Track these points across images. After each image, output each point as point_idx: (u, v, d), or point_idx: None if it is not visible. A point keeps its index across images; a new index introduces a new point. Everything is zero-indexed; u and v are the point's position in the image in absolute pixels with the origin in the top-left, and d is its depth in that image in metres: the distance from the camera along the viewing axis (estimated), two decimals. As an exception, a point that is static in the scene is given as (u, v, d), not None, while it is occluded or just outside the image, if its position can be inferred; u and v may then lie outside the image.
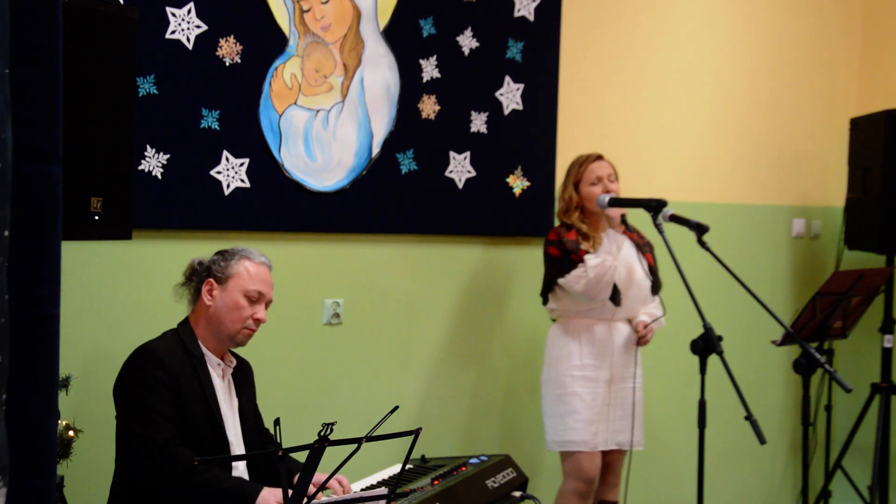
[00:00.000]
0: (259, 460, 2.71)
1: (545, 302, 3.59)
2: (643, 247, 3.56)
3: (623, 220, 3.43)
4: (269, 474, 2.72)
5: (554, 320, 3.62)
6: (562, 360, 3.50)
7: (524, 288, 3.93)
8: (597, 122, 4.16)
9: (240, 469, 2.67)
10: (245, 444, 2.69)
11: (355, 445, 2.08)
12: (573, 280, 3.40)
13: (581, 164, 3.54)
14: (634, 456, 3.76)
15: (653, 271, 3.56)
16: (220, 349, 2.67)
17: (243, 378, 2.80)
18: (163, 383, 2.50)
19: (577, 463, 3.46)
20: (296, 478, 2.46)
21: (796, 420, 4.55)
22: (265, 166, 3.30)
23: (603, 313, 3.49)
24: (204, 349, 2.64)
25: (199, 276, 2.69)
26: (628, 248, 3.48)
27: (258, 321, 2.66)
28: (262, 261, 2.71)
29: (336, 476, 2.57)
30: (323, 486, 2.38)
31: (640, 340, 3.52)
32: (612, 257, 3.41)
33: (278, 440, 2.06)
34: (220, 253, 2.71)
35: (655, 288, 3.57)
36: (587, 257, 3.39)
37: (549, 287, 3.53)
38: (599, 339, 3.49)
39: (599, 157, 3.55)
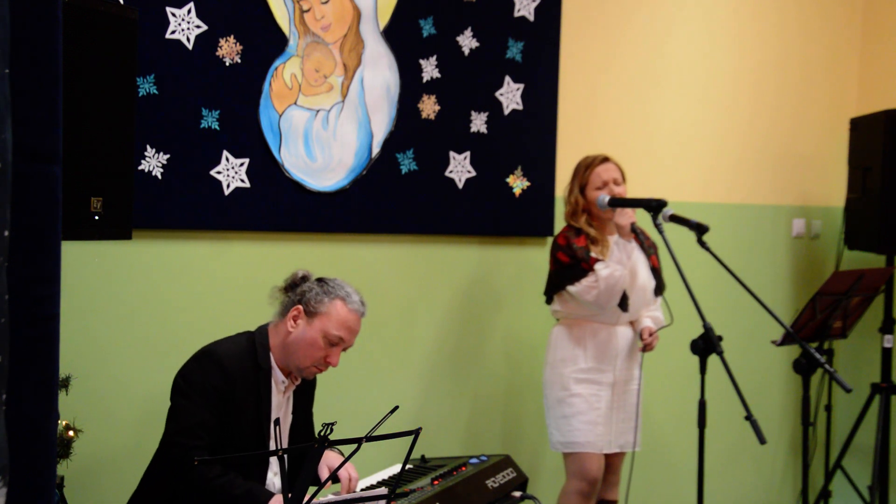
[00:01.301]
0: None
1: (549, 301, 3.58)
2: (648, 248, 3.54)
3: (633, 228, 3.39)
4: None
5: (558, 319, 3.61)
6: (566, 363, 3.49)
7: (524, 288, 3.93)
8: (597, 122, 4.16)
9: (276, 473, 2.65)
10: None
11: (355, 445, 2.08)
12: (584, 290, 3.38)
13: (587, 168, 3.51)
14: (635, 456, 3.76)
15: (656, 273, 3.55)
16: (288, 368, 2.66)
17: (307, 392, 2.80)
18: (217, 391, 2.50)
19: (581, 464, 3.46)
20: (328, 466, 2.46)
21: (796, 420, 4.55)
22: (265, 166, 3.30)
23: (608, 317, 3.48)
24: (273, 363, 2.63)
25: (294, 295, 2.65)
26: (637, 255, 3.46)
27: (329, 364, 2.62)
28: (356, 308, 2.64)
29: (347, 467, 2.59)
30: (333, 475, 2.40)
31: (646, 347, 3.51)
32: (621, 266, 3.39)
33: (278, 440, 2.06)
34: (321, 282, 2.67)
35: (659, 289, 3.57)
36: (598, 267, 3.36)
37: (555, 290, 3.52)
38: (603, 342, 3.49)
39: (606, 160, 3.51)
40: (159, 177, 3.09)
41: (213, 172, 3.20)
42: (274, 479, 2.64)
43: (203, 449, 2.47)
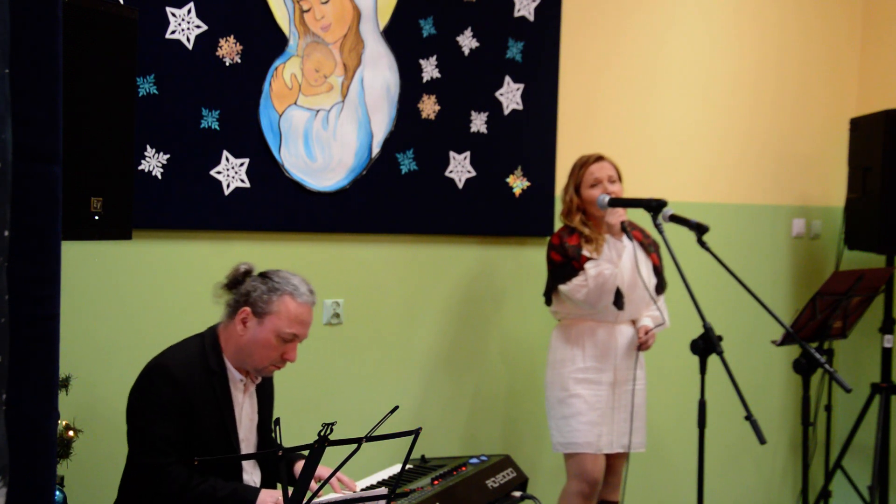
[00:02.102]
0: (263, 464, 2.70)
1: (548, 302, 3.58)
2: (648, 247, 3.54)
3: (623, 227, 3.39)
4: (274, 477, 2.71)
5: (559, 320, 3.61)
6: (565, 363, 3.49)
7: (524, 288, 3.93)
8: (597, 122, 4.16)
9: (250, 474, 2.64)
10: (261, 463, 2.67)
11: (355, 445, 2.08)
12: (574, 289, 3.39)
13: (581, 166, 3.52)
14: (635, 456, 3.76)
15: (657, 271, 3.55)
16: (244, 367, 2.60)
17: (267, 387, 2.75)
18: (173, 404, 2.44)
19: (582, 465, 3.46)
20: (299, 464, 2.44)
21: (796, 420, 4.55)
22: (265, 166, 3.30)
23: (606, 316, 3.48)
24: (228, 364, 2.56)
25: (239, 295, 2.56)
26: (629, 253, 3.46)
27: (286, 361, 2.56)
28: (306, 300, 2.55)
29: (339, 475, 2.57)
30: (325, 484, 2.38)
31: (642, 346, 3.51)
32: (612, 265, 3.39)
33: (278, 440, 2.06)
34: (265, 277, 2.56)
35: (661, 288, 3.56)
36: (587, 265, 3.37)
37: (551, 289, 3.52)
38: (602, 341, 3.49)
39: (600, 158, 3.52)
40: (159, 177, 3.09)
41: (213, 172, 3.20)
42: (249, 481, 2.61)
43: (173, 464, 2.42)
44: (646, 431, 3.62)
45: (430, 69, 3.64)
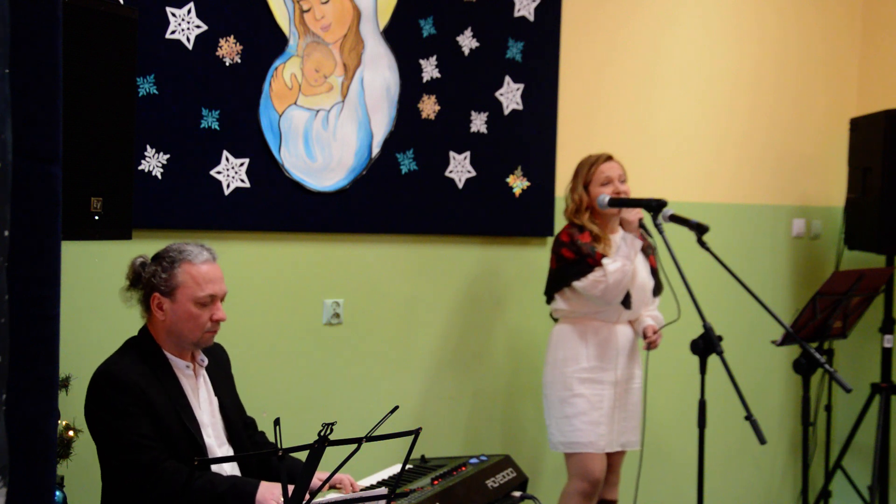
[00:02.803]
0: (253, 458, 2.68)
1: (549, 301, 3.58)
2: (646, 249, 3.55)
3: (641, 223, 3.38)
4: (262, 470, 2.68)
5: (556, 320, 3.61)
6: (568, 362, 3.49)
7: (524, 288, 3.93)
8: (597, 122, 4.16)
9: (229, 467, 2.61)
10: (232, 443, 2.63)
11: (355, 445, 2.08)
12: (591, 284, 3.38)
13: (591, 165, 3.51)
14: (635, 455, 3.76)
15: (654, 273, 3.56)
16: (186, 352, 2.58)
17: (219, 369, 2.71)
18: (131, 404, 2.41)
19: (584, 464, 3.45)
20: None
21: (796, 420, 4.55)
22: (265, 166, 3.30)
23: (609, 315, 3.48)
24: (168, 355, 2.54)
25: (143, 286, 2.55)
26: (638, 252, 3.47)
27: (219, 321, 2.55)
28: (205, 258, 2.54)
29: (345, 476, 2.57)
30: (326, 483, 2.38)
31: (650, 346, 3.50)
32: (630, 262, 3.38)
33: (278, 440, 2.05)
34: (157, 260, 2.55)
35: (657, 290, 3.57)
36: (605, 261, 3.36)
37: (557, 287, 3.51)
38: (604, 340, 3.49)
39: (609, 158, 3.52)
40: (159, 177, 3.09)
41: (213, 172, 3.20)
42: (224, 468, 2.57)
43: (160, 457, 2.40)
44: (642, 430, 3.62)
45: (430, 69, 3.64)
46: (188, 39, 3.13)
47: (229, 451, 2.62)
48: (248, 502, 2.39)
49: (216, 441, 2.59)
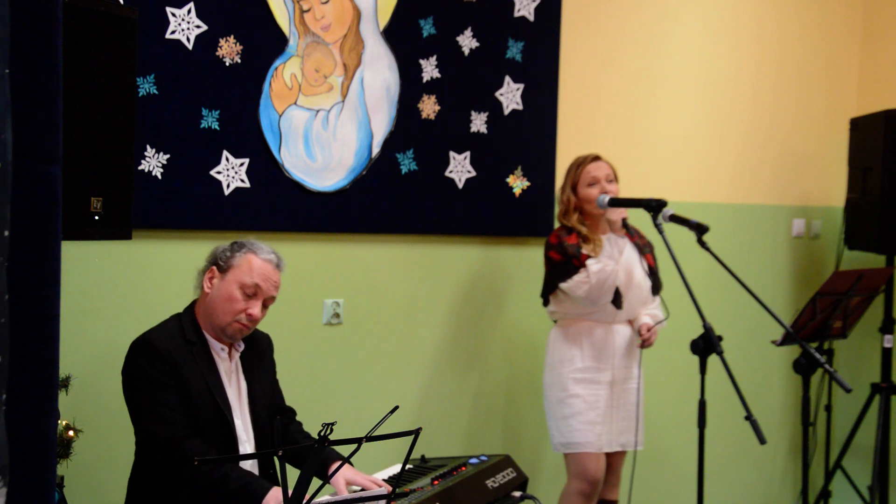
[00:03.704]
0: (272, 443, 2.69)
1: (546, 304, 3.59)
2: (643, 247, 3.55)
3: (624, 223, 3.42)
4: (294, 460, 2.70)
5: (555, 321, 3.62)
6: (563, 363, 3.50)
7: (524, 288, 3.93)
8: (597, 122, 4.16)
9: (244, 443, 2.64)
10: (255, 430, 2.67)
11: (355, 445, 2.08)
12: (575, 285, 3.40)
13: (578, 166, 3.54)
14: (635, 455, 3.76)
15: (653, 272, 3.56)
16: (218, 334, 2.65)
17: (257, 356, 2.76)
18: (164, 373, 2.49)
19: (582, 464, 3.46)
20: (333, 466, 2.45)
21: (796, 420, 4.56)
22: (265, 166, 3.30)
23: (604, 316, 3.49)
24: (206, 335, 2.62)
25: (208, 262, 2.68)
26: (629, 251, 3.48)
27: (251, 317, 2.60)
28: (269, 257, 2.65)
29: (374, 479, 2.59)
30: (324, 484, 2.38)
31: (644, 343, 3.51)
32: (613, 262, 3.40)
33: (277, 440, 2.06)
34: (233, 243, 2.69)
35: (656, 289, 3.57)
36: (589, 262, 3.38)
37: (550, 290, 3.53)
38: (600, 341, 3.49)
39: (597, 158, 3.54)
40: (159, 177, 3.09)
41: (213, 172, 3.20)
42: (246, 447, 2.63)
43: (181, 431, 2.46)
44: (644, 429, 3.62)
45: (430, 69, 3.64)
46: (188, 39, 3.13)
47: (250, 437, 2.67)
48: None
49: (242, 424, 2.64)
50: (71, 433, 2.65)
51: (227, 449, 2.56)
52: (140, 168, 3.04)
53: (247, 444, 2.64)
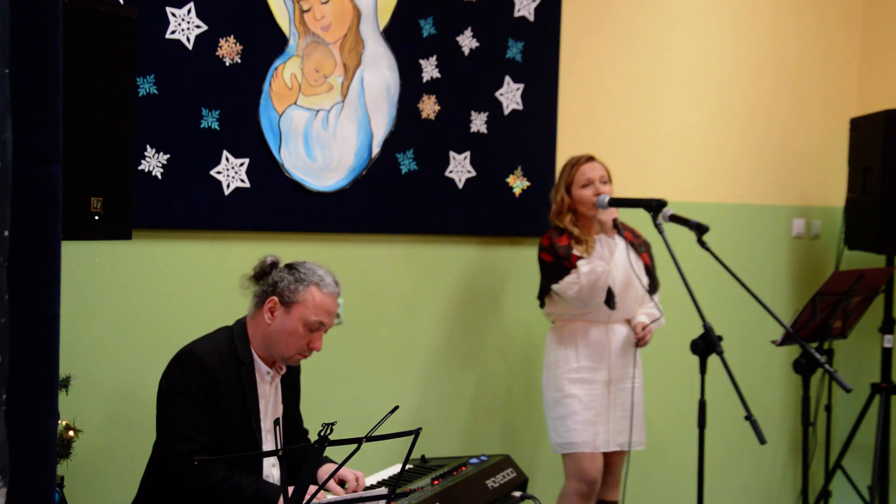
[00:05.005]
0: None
1: (542, 305, 3.59)
2: (639, 246, 3.55)
3: (615, 224, 3.41)
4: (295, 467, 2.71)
5: (552, 322, 3.62)
6: (559, 364, 3.50)
7: (524, 288, 3.93)
8: (597, 122, 4.16)
9: (269, 467, 2.66)
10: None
11: (355, 445, 2.08)
12: (566, 286, 3.40)
13: (572, 167, 3.53)
14: (634, 456, 3.76)
15: (649, 271, 3.55)
16: (271, 358, 2.65)
17: (292, 380, 2.79)
18: (203, 390, 2.49)
19: (579, 464, 3.46)
20: (321, 473, 2.47)
21: (796, 420, 4.55)
22: (265, 166, 3.30)
23: (599, 316, 3.49)
24: (255, 355, 2.62)
25: (267, 286, 2.63)
26: (621, 251, 3.47)
27: (313, 350, 2.62)
28: (332, 290, 2.62)
29: (355, 472, 2.60)
30: (327, 482, 2.39)
31: (639, 342, 3.51)
32: (604, 262, 3.40)
33: (278, 441, 2.06)
34: (292, 269, 2.63)
35: (653, 288, 3.56)
36: (579, 263, 3.38)
37: (544, 291, 3.53)
38: (596, 341, 3.49)
39: (591, 159, 3.53)
40: (159, 177, 3.09)
41: (213, 172, 3.20)
42: (272, 471, 2.64)
43: (200, 451, 2.46)
44: (645, 429, 3.62)
45: (430, 69, 3.64)
46: (188, 39, 3.13)
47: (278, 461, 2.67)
48: None
49: (272, 446, 2.64)
50: (71, 433, 2.65)
51: (252, 471, 2.57)
52: (140, 168, 3.04)
53: (273, 468, 2.66)
